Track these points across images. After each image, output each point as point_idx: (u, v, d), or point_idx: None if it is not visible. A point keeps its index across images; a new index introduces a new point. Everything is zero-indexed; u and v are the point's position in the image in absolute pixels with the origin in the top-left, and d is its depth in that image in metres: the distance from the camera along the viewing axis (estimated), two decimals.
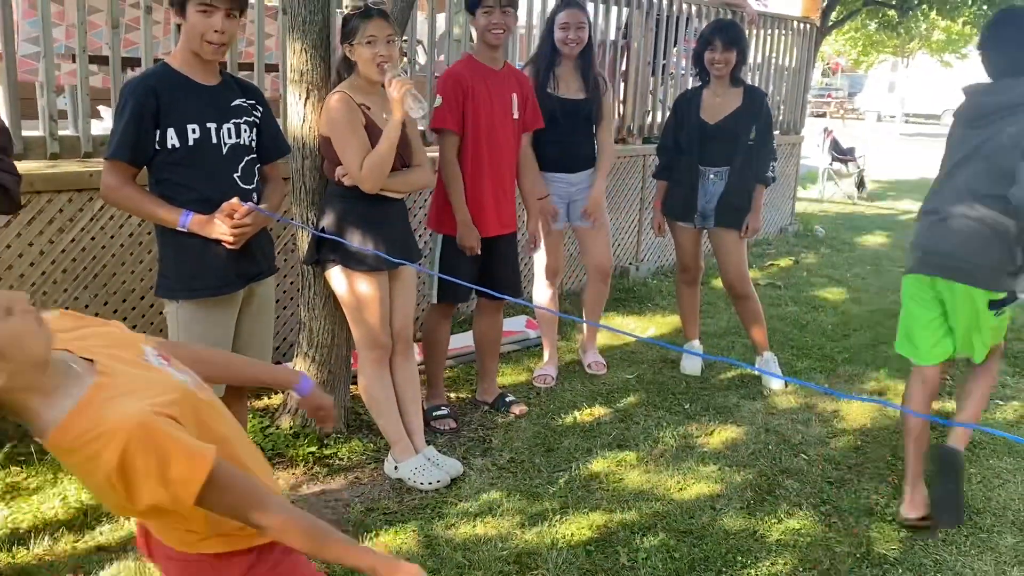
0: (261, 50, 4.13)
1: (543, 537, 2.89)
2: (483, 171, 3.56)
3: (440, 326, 3.84)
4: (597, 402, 4.08)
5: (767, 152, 4.23)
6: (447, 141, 3.51)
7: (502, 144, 3.61)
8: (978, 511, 3.18)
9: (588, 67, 4.10)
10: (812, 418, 3.96)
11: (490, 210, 3.61)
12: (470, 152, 3.53)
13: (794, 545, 2.90)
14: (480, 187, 3.56)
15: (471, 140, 3.52)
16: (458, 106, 3.48)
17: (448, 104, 3.47)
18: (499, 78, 3.60)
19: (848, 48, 27.19)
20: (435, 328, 3.84)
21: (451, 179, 3.52)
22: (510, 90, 3.64)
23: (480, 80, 3.53)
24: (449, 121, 3.47)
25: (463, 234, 3.54)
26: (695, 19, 6.84)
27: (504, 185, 3.68)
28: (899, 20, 11.67)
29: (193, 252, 2.45)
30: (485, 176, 3.57)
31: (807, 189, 11.71)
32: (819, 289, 6.46)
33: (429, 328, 3.86)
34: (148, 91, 2.35)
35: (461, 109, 3.48)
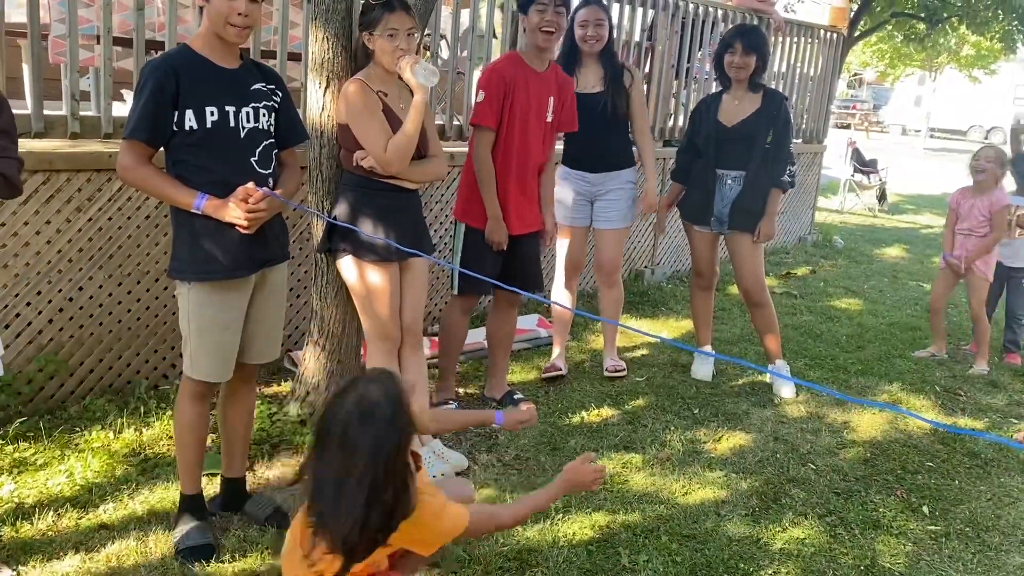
0: (285, 38, 4.14)
1: (545, 535, 2.87)
2: (511, 170, 3.58)
3: (459, 319, 3.85)
4: (606, 403, 4.06)
5: (784, 156, 4.19)
6: (483, 137, 3.53)
7: (532, 145, 3.63)
8: (987, 529, 3.13)
9: (608, 60, 4.08)
10: (822, 428, 3.93)
11: (513, 208, 3.62)
12: (501, 150, 3.56)
13: (798, 555, 2.88)
14: (506, 186, 3.58)
15: (503, 138, 3.55)
16: (498, 104, 3.50)
17: (489, 100, 3.49)
18: (541, 80, 3.63)
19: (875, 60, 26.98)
20: (454, 321, 3.85)
21: (485, 175, 3.54)
22: (548, 93, 3.66)
23: (521, 80, 3.55)
24: (488, 117, 3.50)
25: (492, 229, 3.56)
26: (720, 23, 6.80)
27: (527, 185, 3.68)
28: (927, 33, 11.56)
29: (207, 235, 2.45)
30: (512, 175, 3.59)
31: (828, 199, 11.63)
32: (835, 300, 6.41)
33: (448, 320, 3.87)
34: (168, 72, 2.35)
35: (500, 107, 3.51)
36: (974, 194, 4.92)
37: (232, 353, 2.58)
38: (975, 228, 4.90)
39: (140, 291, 3.70)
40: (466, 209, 3.65)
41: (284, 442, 3.36)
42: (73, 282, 3.50)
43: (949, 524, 3.15)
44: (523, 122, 3.56)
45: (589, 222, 4.29)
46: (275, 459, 3.26)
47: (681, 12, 6.46)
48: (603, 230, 4.29)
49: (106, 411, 3.47)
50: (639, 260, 6.49)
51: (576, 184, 4.19)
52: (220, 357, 2.55)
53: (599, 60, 4.08)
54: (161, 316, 3.76)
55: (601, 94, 4.07)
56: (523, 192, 3.67)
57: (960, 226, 4.97)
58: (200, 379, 2.58)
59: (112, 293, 3.62)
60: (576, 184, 4.19)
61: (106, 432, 3.31)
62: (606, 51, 4.08)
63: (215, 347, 2.53)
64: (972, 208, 4.90)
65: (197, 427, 2.66)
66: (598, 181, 4.20)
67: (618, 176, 4.22)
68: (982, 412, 4.32)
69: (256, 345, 2.67)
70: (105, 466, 3.08)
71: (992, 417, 4.26)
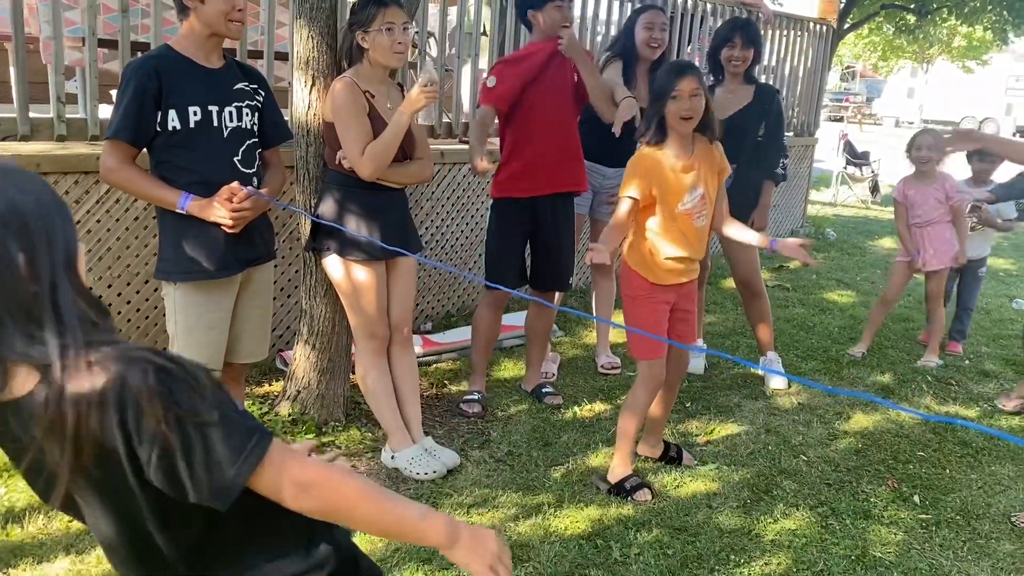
0: (271, 38, 4.13)
1: (537, 530, 2.88)
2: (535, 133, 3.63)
3: (487, 314, 3.88)
4: (598, 398, 4.06)
5: (777, 148, 4.21)
6: (484, 113, 3.68)
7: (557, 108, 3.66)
8: (977, 517, 3.14)
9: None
10: (813, 420, 3.94)
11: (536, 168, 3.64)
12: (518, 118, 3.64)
13: (789, 546, 2.88)
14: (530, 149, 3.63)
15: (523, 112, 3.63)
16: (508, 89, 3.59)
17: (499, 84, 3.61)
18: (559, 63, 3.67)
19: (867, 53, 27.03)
20: (481, 317, 3.90)
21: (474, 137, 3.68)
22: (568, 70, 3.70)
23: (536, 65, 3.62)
24: (491, 96, 3.62)
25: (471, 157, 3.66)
26: (710, 17, 6.80)
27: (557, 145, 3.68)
28: (917, 24, 11.57)
29: (192, 235, 2.45)
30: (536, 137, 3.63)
31: (820, 192, 11.64)
32: (827, 292, 6.42)
33: (476, 316, 3.94)
34: (151, 72, 2.35)
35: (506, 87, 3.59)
36: (920, 183, 4.75)
37: (219, 353, 2.58)
38: (931, 217, 4.72)
39: (130, 293, 3.70)
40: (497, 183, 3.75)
41: None
42: None
43: (940, 513, 3.16)
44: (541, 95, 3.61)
45: (587, 210, 4.33)
46: None
47: (670, 7, 6.46)
48: (602, 221, 4.30)
49: None
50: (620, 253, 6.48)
51: (588, 175, 4.19)
52: (207, 357, 2.55)
53: (652, 68, 4.03)
54: (152, 317, 3.75)
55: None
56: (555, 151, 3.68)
57: (915, 218, 4.77)
58: None
59: (101, 295, 3.62)
60: (588, 175, 4.19)
61: None
62: (660, 63, 4.03)
63: (201, 347, 2.53)
64: (925, 197, 4.72)
65: None
66: (612, 175, 4.22)
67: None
68: (973, 401, 4.34)
69: (243, 344, 2.68)
70: None
71: (983, 406, 4.28)
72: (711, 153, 3.05)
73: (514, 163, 3.66)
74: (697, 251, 3.07)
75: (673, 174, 2.94)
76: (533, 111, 3.61)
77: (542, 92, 3.61)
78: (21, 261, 1.07)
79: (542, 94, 3.61)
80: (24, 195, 1.11)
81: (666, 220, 2.98)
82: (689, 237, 3.02)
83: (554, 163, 3.66)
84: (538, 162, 3.63)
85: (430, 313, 5.02)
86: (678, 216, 2.97)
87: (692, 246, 3.04)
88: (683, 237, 3.00)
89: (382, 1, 2.98)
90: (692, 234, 3.03)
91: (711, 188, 3.05)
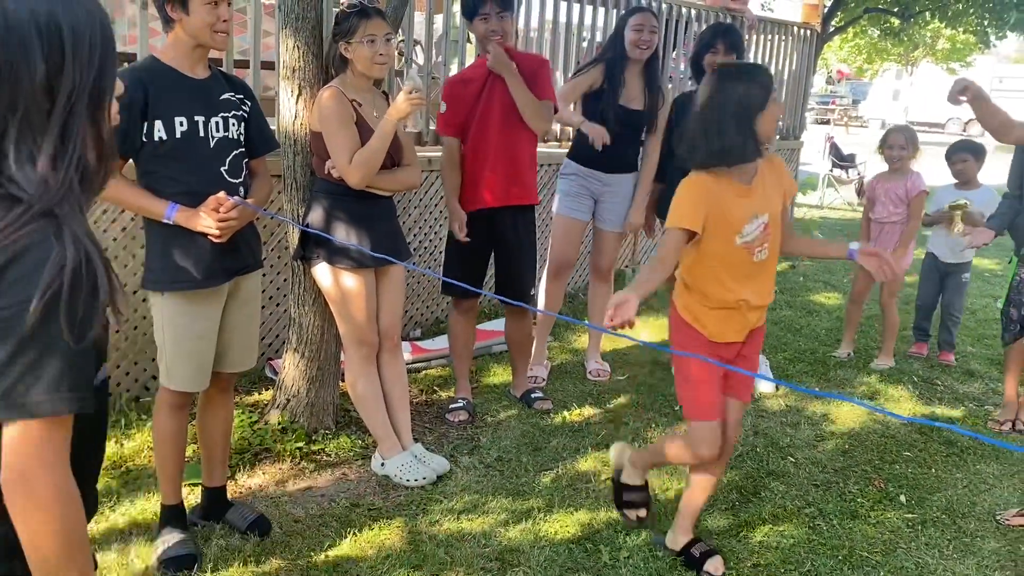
0: (258, 47, 4.14)
1: (526, 535, 2.89)
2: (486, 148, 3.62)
3: (460, 322, 3.90)
4: (587, 402, 4.08)
5: None
6: (448, 144, 3.67)
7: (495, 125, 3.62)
8: (963, 515, 3.18)
9: (652, 77, 4.11)
10: (801, 421, 3.97)
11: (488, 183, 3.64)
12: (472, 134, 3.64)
13: (777, 547, 2.91)
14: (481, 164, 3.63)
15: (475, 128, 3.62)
16: (457, 114, 3.59)
17: (450, 111, 3.60)
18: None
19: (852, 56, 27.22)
20: (452, 323, 3.93)
21: (446, 176, 3.68)
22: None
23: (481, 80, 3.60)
24: (448, 128, 3.63)
25: (450, 220, 3.71)
26: (695, 23, 6.85)
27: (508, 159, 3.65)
28: (901, 27, 11.67)
29: (179, 245, 2.46)
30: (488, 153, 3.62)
31: (807, 195, 11.70)
32: (815, 294, 6.46)
33: (450, 327, 3.96)
34: (136, 82, 2.36)
35: (462, 116, 3.59)
36: (890, 180, 4.72)
37: (208, 362, 2.59)
38: (890, 215, 4.68)
39: None
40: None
41: (265, 450, 3.36)
42: None
43: (926, 512, 3.19)
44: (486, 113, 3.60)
45: (589, 217, 4.30)
46: (256, 467, 3.26)
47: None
48: (608, 231, 4.33)
49: None
50: (620, 260, 6.51)
51: (586, 181, 4.21)
52: (196, 366, 2.56)
53: (643, 71, 4.08)
54: (141, 327, 3.75)
55: (644, 113, 4.11)
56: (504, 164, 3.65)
57: (876, 214, 4.74)
58: (177, 389, 2.58)
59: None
60: (586, 181, 4.21)
61: None
62: (651, 63, 4.08)
63: (190, 357, 2.54)
64: (887, 193, 4.69)
65: (175, 438, 2.66)
66: (610, 181, 4.23)
67: (628, 179, 4.27)
68: (958, 401, 4.37)
69: (232, 354, 2.68)
70: None
71: (968, 405, 4.32)
72: (774, 168, 2.56)
73: (465, 178, 3.67)
74: (761, 294, 2.56)
75: (733, 199, 2.43)
76: (483, 127, 3.61)
77: (489, 108, 3.60)
78: (40, 72, 0.98)
79: (489, 110, 3.60)
80: (75, 6, 1.02)
81: (720, 256, 2.47)
82: (750, 276, 2.51)
83: (505, 178, 3.66)
84: (489, 177, 3.63)
85: (419, 320, 5.03)
86: (735, 251, 2.46)
87: (754, 288, 2.53)
88: (742, 276, 2.50)
89: (364, 12, 3.01)
90: (753, 272, 2.51)
91: (775, 213, 2.53)
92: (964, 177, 4.81)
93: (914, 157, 4.69)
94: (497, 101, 3.60)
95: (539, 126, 3.68)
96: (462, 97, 3.60)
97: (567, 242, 4.29)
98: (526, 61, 3.69)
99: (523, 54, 3.82)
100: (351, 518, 2.95)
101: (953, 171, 4.86)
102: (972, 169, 4.79)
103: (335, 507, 3.03)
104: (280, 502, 3.04)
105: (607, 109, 4.01)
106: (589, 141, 3.91)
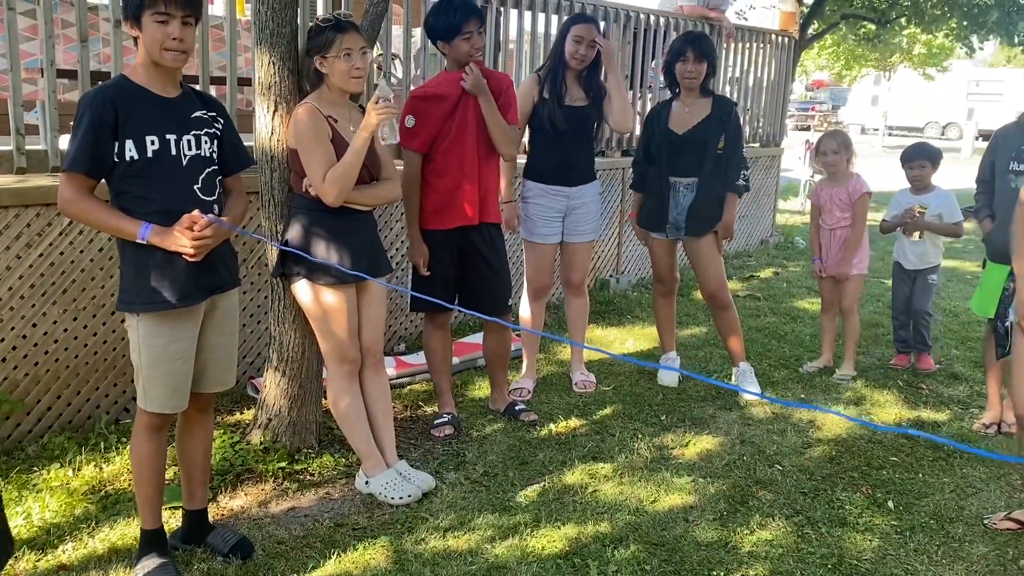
0: (234, 63, 4.12)
1: (513, 551, 2.86)
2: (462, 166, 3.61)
3: (434, 337, 3.87)
4: (573, 414, 4.06)
5: (737, 160, 4.24)
6: (411, 159, 3.62)
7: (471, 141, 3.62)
8: (951, 520, 3.16)
9: (590, 77, 4.10)
10: (787, 428, 3.95)
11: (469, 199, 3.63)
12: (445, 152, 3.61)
13: (766, 556, 2.88)
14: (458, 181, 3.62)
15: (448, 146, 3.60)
16: (426, 130, 3.56)
17: (419, 125, 3.57)
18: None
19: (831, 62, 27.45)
20: (429, 340, 3.89)
21: (408, 196, 3.63)
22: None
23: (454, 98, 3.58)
24: (414, 142, 3.58)
25: (411, 251, 3.72)
26: (672, 32, 6.87)
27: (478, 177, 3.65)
28: (878, 33, 11.76)
29: (153, 264, 2.42)
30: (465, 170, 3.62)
31: (788, 201, 11.76)
32: (798, 300, 6.47)
33: (425, 343, 3.92)
34: (106, 102, 2.32)
35: (432, 132, 3.57)
36: (831, 186, 4.68)
37: (185, 383, 2.55)
38: (838, 220, 4.63)
39: (96, 325, 3.65)
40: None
41: (247, 471, 3.31)
42: (26, 319, 3.44)
43: (914, 518, 3.17)
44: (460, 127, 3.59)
45: (560, 237, 4.28)
46: (239, 488, 3.22)
47: (633, 22, 6.52)
48: (576, 243, 4.29)
49: (65, 448, 3.40)
50: (604, 269, 6.51)
51: (552, 200, 4.17)
52: (173, 388, 2.52)
53: (582, 73, 4.09)
54: (119, 349, 3.70)
55: (588, 107, 4.10)
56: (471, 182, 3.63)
57: (824, 222, 4.70)
58: (154, 411, 2.54)
59: (67, 328, 3.56)
60: (552, 200, 4.17)
61: (65, 470, 3.25)
62: (591, 64, 4.09)
63: (167, 378, 2.49)
64: (831, 199, 4.65)
65: (154, 460, 2.61)
66: (576, 195, 4.20)
67: (591, 187, 4.26)
68: (944, 404, 4.38)
69: (210, 373, 2.64)
70: (64, 505, 3.02)
71: (954, 409, 4.32)
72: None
73: (433, 195, 3.64)
74: None
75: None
76: (451, 146, 3.59)
77: (459, 126, 3.59)
78: None
79: (459, 129, 3.59)
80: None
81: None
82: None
83: (482, 195, 3.66)
84: (469, 193, 3.62)
85: (403, 335, 5.00)
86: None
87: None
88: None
89: (339, 26, 2.99)
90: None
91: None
92: (921, 183, 4.70)
93: (850, 160, 4.66)
94: (472, 120, 3.60)
95: (508, 151, 3.69)
96: (431, 113, 3.57)
97: (541, 267, 4.28)
98: (493, 81, 3.70)
99: (490, 72, 3.81)
100: (335, 538, 2.91)
101: (909, 176, 4.73)
102: (929, 175, 4.68)
103: (319, 527, 2.98)
104: (263, 523, 2.99)
105: (554, 113, 4.02)
106: None
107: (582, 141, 4.17)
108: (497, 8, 5.51)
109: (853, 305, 4.78)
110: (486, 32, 3.72)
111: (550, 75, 4.07)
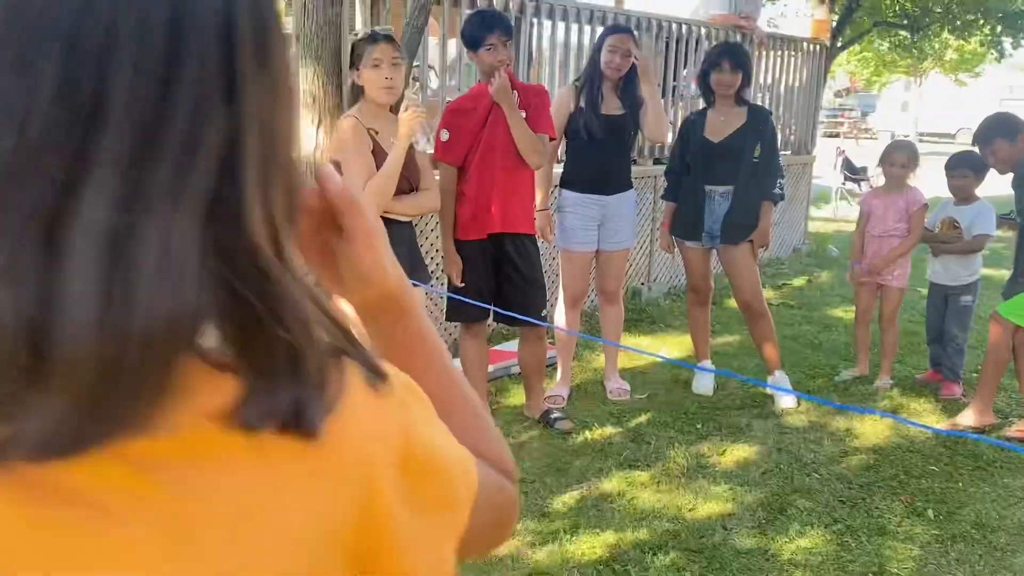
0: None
1: (555, 556, 2.89)
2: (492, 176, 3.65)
3: (466, 345, 3.91)
4: (608, 422, 4.08)
5: (773, 169, 4.26)
6: (446, 172, 3.67)
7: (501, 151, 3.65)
8: (992, 529, 3.15)
9: (628, 86, 4.14)
10: (824, 437, 3.95)
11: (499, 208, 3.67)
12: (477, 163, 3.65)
13: (806, 564, 2.90)
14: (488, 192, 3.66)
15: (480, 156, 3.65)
16: (461, 143, 3.61)
17: (453, 139, 3.62)
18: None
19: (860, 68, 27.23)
20: (462, 347, 3.94)
21: (443, 209, 3.66)
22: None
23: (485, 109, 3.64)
24: (448, 155, 3.63)
25: (445, 263, 3.77)
26: (704, 41, 6.89)
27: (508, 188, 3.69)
28: (911, 40, 11.70)
29: None
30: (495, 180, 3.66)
31: (820, 208, 11.70)
32: (832, 308, 6.44)
33: (461, 353, 3.94)
34: None
35: (466, 146, 3.61)
36: (887, 194, 4.62)
37: None
38: (889, 229, 4.56)
39: None
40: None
41: None
42: None
43: (955, 527, 3.17)
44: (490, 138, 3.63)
45: (596, 246, 4.32)
46: None
47: (665, 32, 6.56)
48: (612, 251, 4.33)
49: None
50: (636, 277, 6.53)
51: (589, 209, 4.21)
52: None
53: (617, 83, 4.14)
54: None
55: (624, 116, 4.15)
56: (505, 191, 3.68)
57: (873, 229, 4.62)
58: None
59: None
60: (589, 209, 4.21)
61: None
62: (626, 78, 4.12)
63: None
64: (887, 209, 4.57)
65: None
66: (612, 203, 4.24)
67: (627, 196, 4.30)
68: None
69: None
70: None
71: (994, 417, 4.28)
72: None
73: (466, 206, 3.68)
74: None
75: None
76: (483, 156, 3.63)
77: (489, 136, 3.63)
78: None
79: (489, 138, 3.63)
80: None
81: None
82: None
83: (512, 205, 3.70)
84: (487, 204, 3.66)
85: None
86: None
87: None
88: None
89: (372, 38, 3.06)
90: None
91: None
92: (963, 193, 4.51)
93: (913, 173, 4.64)
94: (502, 130, 3.64)
95: (533, 160, 3.70)
96: (464, 126, 3.62)
97: (578, 275, 4.32)
98: (525, 92, 3.75)
99: (523, 84, 3.86)
100: None
101: (951, 186, 4.54)
102: (972, 185, 4.49)
103: None
104: None
105: (591, 122, 4.05)
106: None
107: (618, 150, 4.22)
108: (531, 20, 5.57)
109: (894, 316, 4.75)
110: (515, 43, 3.77)
111: (587, 85, 4.12)
